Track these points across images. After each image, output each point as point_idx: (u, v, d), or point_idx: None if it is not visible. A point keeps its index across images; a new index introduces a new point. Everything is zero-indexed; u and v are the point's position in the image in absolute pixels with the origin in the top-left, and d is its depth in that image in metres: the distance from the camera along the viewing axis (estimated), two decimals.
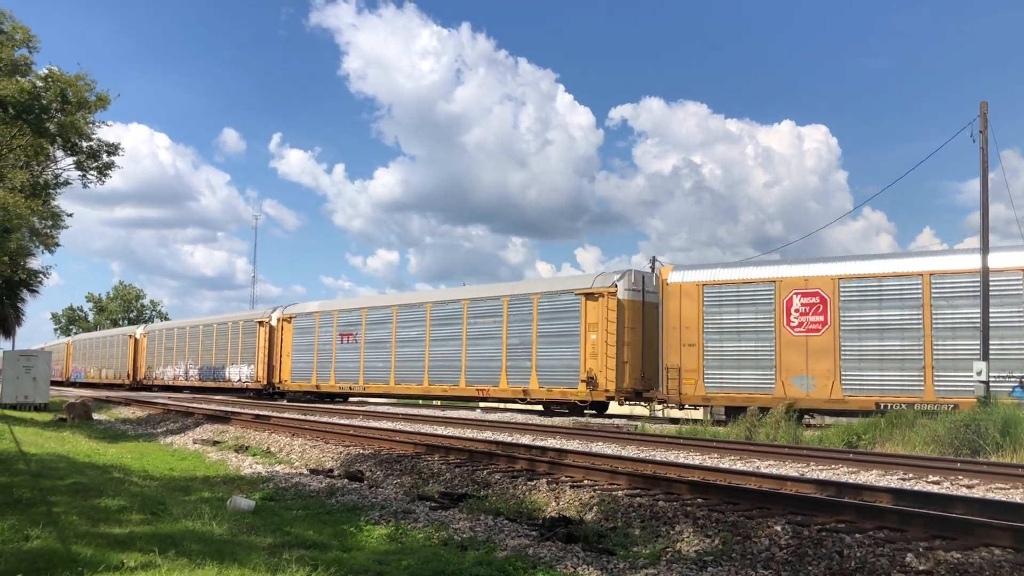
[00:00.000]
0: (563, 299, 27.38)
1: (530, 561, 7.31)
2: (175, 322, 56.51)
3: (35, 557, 6.45)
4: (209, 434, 20.12)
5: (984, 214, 19.60)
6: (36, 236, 28.46)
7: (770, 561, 7.02)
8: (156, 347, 54.97)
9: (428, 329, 32.22)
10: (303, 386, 39.08)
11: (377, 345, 34.66)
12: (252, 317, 44.20)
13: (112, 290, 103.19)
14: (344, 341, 36.60)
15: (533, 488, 10.57)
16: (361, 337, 35.47)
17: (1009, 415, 15.42)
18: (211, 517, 8.83)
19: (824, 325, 21.68)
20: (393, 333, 33.85)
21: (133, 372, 57.74)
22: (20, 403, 31.64)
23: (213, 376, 46.89)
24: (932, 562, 6.52)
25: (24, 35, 22.80)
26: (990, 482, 11.29)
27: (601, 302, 25.88)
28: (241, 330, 44.39)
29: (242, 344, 44.17)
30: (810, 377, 21.61)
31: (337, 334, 36.96)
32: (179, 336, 52.10)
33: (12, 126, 22.33)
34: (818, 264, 22.41)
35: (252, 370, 42.90)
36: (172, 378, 51.88)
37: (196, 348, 49.47)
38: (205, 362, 48.17)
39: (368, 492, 11.31)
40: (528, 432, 19.48)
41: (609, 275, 26.54)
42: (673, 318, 24.06)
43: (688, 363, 23.57)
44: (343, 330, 36.73)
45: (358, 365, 35.51)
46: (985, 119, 19.67)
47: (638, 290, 26.43)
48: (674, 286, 24.21)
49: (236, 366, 44.65)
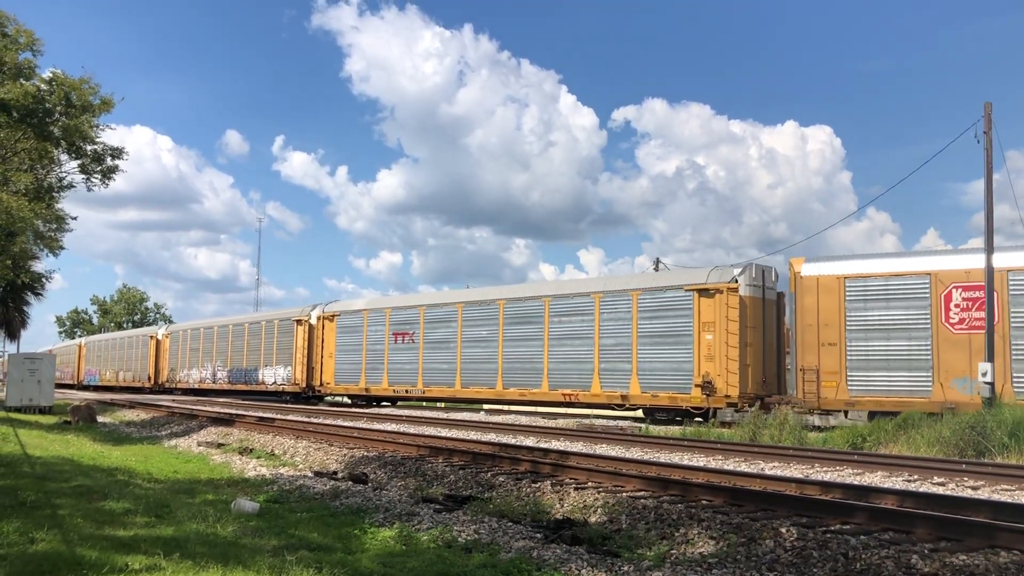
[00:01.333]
0: (670, 296, 25.01)
1: (535, 563, 7.30)
2: (201, 321, 53.66)
3: (40, 560, 6.46)
4: (213, 436, 20.14)
5: (989, 214, 19.57)
6: (40, 239, 28.51)
7: (775, 563, 7.00)
8: (180, 348, 52.43)
9: (501, 328, 29.75)
10: (349, 389, 36.48)
11: (439, 346, 32.21)
12: (289, 315, 41.24)
13: (116, 293, 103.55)
14: (398, 341, 33.89)
15: (537, 490, 10.56)
16: (419, 337, 32.92)
17: (1015, 416, 15.37)
18: (215, 520, 8.84)
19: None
20: (458, 332, 31.33)
21: (155, 375, 55.23)
22: (25, 406, 31.71)
23: (244, 378, 44.17)
24: (938, 564, 6.50)
25: (28, 38, 22.82)
26: (996, 483, 11.27)
27: (719, 299, 23.64)
28: (276, 329, 41.64)
29: (277, 344, 41.38)
30: (974, 379, 19.58)
31: (390, 333, 34.32)
32: (206, 336, 49.38)
33: (16, 130, 22.38)
34: (981, 255, 20.02)
35: (289, 372, 40.20)
36: (198, 381, 49.28)
37: (225, 349, 46.81)
38: (235, 364, 45.53)
39: (372, 494, 11.30)
40: (532, 434, 19.48)
41: (726, 269, 24.38)
42: (809, 315, 22.04)
43: (827, 364, 21.52)
44: (397, 329, 34.06)
45: (415, 367, 32.92)
46: (989, 120, 19.63)
47: (759, 285, 24.32)
48: (809, 280, 22.21)
49: (271, 368, 41.91)
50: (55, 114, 22.87)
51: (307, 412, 29.00)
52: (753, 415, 19.78)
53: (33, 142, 22.86)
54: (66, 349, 77.46)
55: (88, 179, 24.55)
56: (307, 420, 23.07)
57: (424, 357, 32.65)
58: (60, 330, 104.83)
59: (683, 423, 23.47)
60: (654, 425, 24.00)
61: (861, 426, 18.65)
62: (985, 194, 19.72)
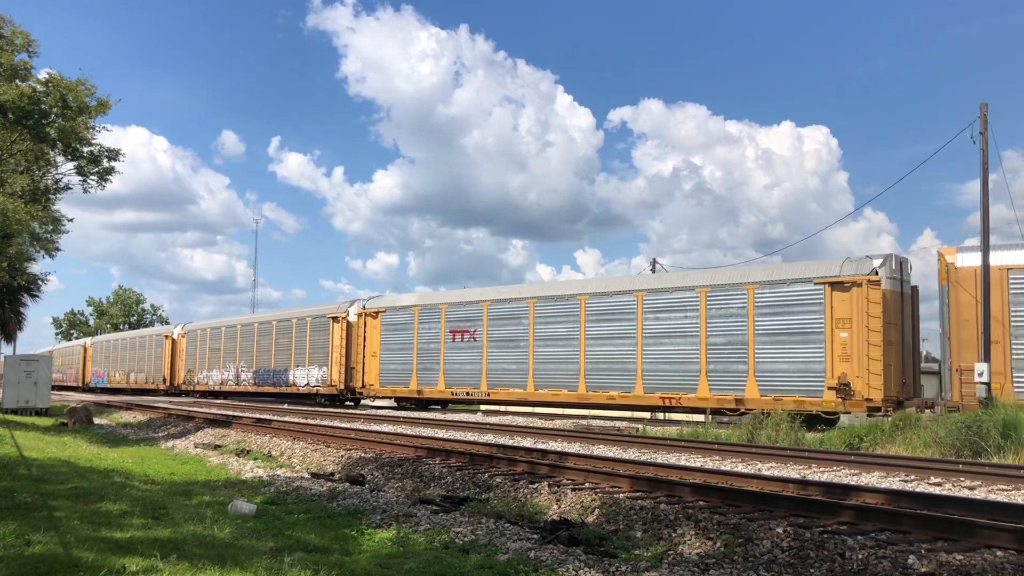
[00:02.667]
0: (794, 289, 22.68)
1: (532, 564, 7.30)
2: (223, 320, 50.54)
3: (37, 562, 6.45)
4: (210, 438, 20.11)
5: (984, 215, 19.60)
6: (37, 241, 28.49)
7: (772, 563, 7.01)
8: (198, 348, 49.52)
9: (583, 325, 27.13)
10: (397, 391, 33.68)
11: (506, 344, 29.48)
12: (323, 312, 38.58)
13: (112, 294, 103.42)
14: (457, 339, 31.16)
15: (535, 491, 10.56)
16: (483, 335, 30.11)
17: (1010, 416, 15.40)
18: (212, 521, 8.83)
19: None
20: (530, 330, 28.63)
21: (170, 376, 52.55)
22: (21, 408, 31.68)
23: (273, 380, 41.43)
24: (934, 564, 6.51)
25: (24, 40, 22.82)
26: (992, 483, 11.28)
27: (856, 292, 21.50)
28: (309, 327, 38.92)
29: (310, 343, 38.70)
30: None
31: (447, 331, 31.53)
32: (228, 335, 46.28)
33: (12, 131, 22.36)
34: None
35: (324, 373, 37.57)
36: (219, 383, 46.54)
37: (250, 348, 43.84)
38: (262, 364, 42.60)
39: (369, 496, 11.30)
40: (529, 435, 19.48)
41: (862, 260, 22.13)
42: (966, 310, 20.23)
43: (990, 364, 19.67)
44: (455, 326, 31.30)
45: (478, 368, 30.25)
46: (985, 120, 19.68)
47: (897, 278, 22.25)
48: (966, 272, 20.32)
49: (302, 368, 39.21)
50: (51, 116, 22.85)
51: (304, 414, 28.95)
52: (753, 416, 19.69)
53: (29, 144, 22.84)
54: (69, 350, 75.14)
55: (85, 181, 24.54)
56: (304, 422, 23.05)
57: (488, 357, 29.99)
58: (56, 332, 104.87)
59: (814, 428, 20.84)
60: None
61: (858, 426, 18.64)
62: (981, 194, 19.76)
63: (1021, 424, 15.08)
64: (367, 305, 35.75)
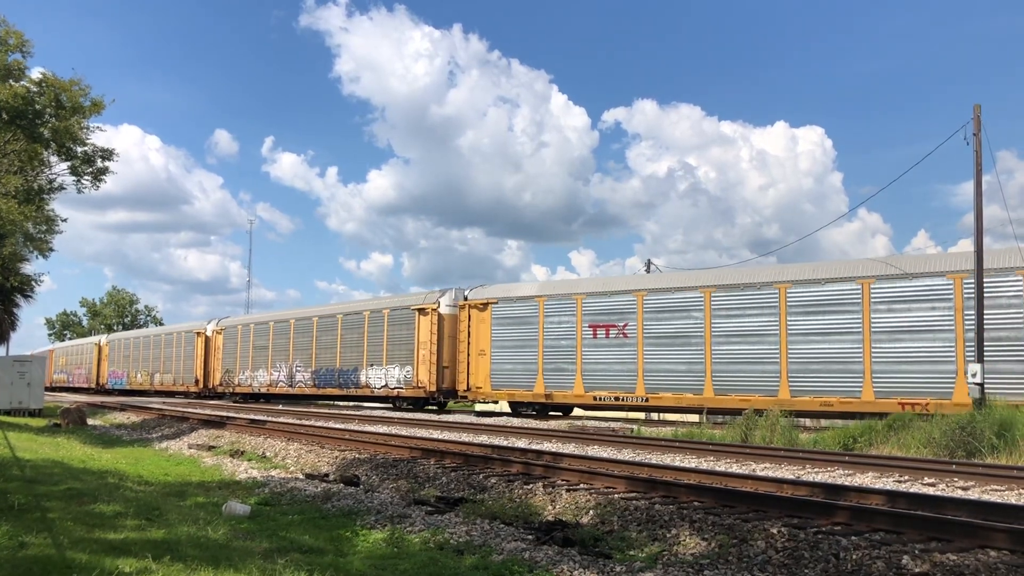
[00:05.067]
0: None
1: (527, 565, 7.30)
2: (270, 314, 45.94)
3: (30, 563, 6.43)
4: (204, 439, 20.07)
5: (978, 216, 19.66)
6: (30, 241, 28.42)
7: (767, 564, 7.02)
8: (239, 346, 45.05)
9: (783, 318, 23.43)
10: (516, 395, 29.26)
11: (672, 341, 25.50)
12: (405, 303, 34.46)
13: (106, 295, 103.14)
14: (600, 335, 27.11)
15: (530, 492, 10.56)
16: (636, 330, 26.15)
17: (1004, 417, 15.45)
18: (206, 522, 8.81)
19: None
20: (706, 325, 24.83)
21: (203, 377, 48.17)
22: (14, 409, 31.59)
23: (339, 381, 37.25)
24: (928, 564, 6.53)
25: (17, 40, 22.78)
26: (986, 484, 11.32)
27: None
28: (386, 321, 34.75)
29: (388, 339, 34.51)
30: None
31: (584, 326, 27.50)
32: (279, 331, 41.93)
33: (6, 131, 22.32)
34: None
35: (408, 373, 33.27)
36: (266, 384, 42.20)
37: (307, 345, 39.60)
38: (324, 363, 38.41)
39: (364, 497, 11.29)
40: (524, 436, 19.47)
41: None
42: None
43: None
44: (595, 320, 27.26)
45: (631, 368, 26.19)
46: (978, 122, 19.73)
47: None
48: None
49: (378, 368, 34.91)
50: (45, 115, 22.82)
51: (299, 415, 28.90)
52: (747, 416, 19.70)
53: (23, 144, 22.79)
54: (77, 349, 70.68)
55: (79, 181, 24.52)
56: (298, 423, 23.02)
57: (645, 356, 26.04)
58: (49, 332, 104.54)
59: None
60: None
61: (852, 426, 18.69)
62: (975, 195, 19.82)
63: (1015, 425, 15.13)
64: (469, 295, 31.50)
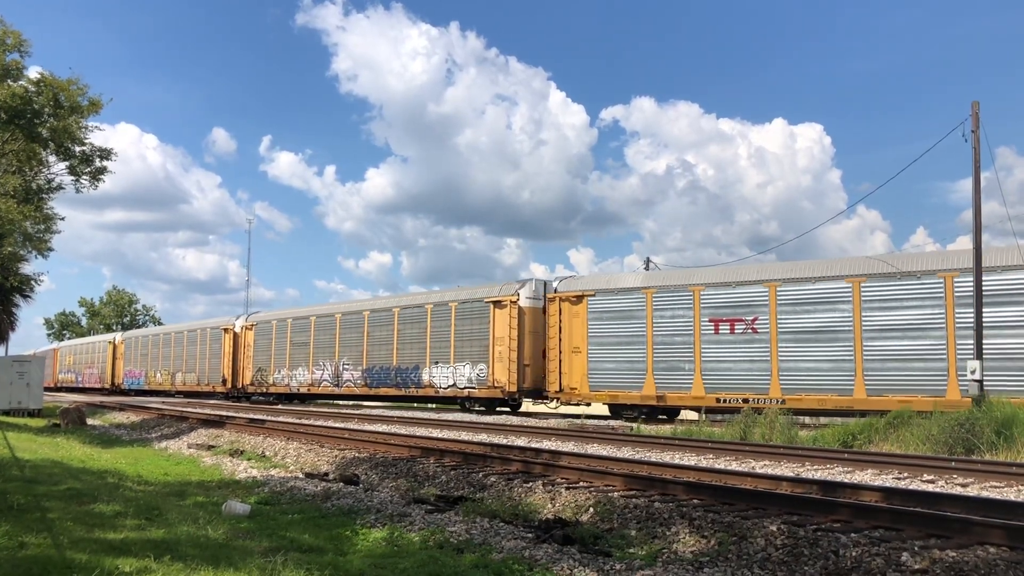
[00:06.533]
0: None
1: (527, 563, 7.31)
2: (311, 308, 42.69)
3: (30, 564, 6.43)
4: (204, 439, 20.08)
5: (977, 213, 19.66)
6: (29, 241, 28.40)
7: (766, 561, 7.03)
8: (273, 343, 42.39)
9: (950, 311, 21.24)
10: (620, 396, 26.65)
11: (815, 336, 23.36)
12: (477, 296, 31.80)
13: (105, 295, 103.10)
14: (724, 330, 24.94)
15: (529, 490, 10.57)
16: (769, 324, 24.03)
17: (1003, 414, 15.47)
18: (206, 522, 8.81)
19: None
20: (855, 318, 22.60)
21: (232, 376, 45.50)
22: (13, 409, 31.58)
23: (396, 380, 34.60)
24: (928, 561, 6.54)
25: (15, 39, 22.76)
26: (985, 480, 11.33)
27: None
28: (454, 315, 32.29)
29: (456, 334, 32.11)
30: None
31: (703, 320, 25.31)
32: (321, 327, 39.31)
33: (4, 131, 22.30)
34: None
35: (481, 371, 30.71)
36: (306, 383, 39.83)
37: (356, 341, 36.95)
38: (377, 361, 35.73)
39: (364, 495, 11.29)
40: (523, 434, 19.48)
41: None
42: None
43: None
44: (719, 314, 25.06)
45: (764, 367, 24.00)
46: (977, 119, 19.73)
47: None
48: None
49: (444, 366, 32.44)
50: (43, 115, 22.80)
51: (298, 414, 28.89)
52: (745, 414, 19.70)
53: (21, 143, 22.78)
54: (88, 347, 67.77)
55: (77, 181, 24.50)
56: (298, 422, 23.03)
57: (780, 353, 23.87)
58: (48, 332, 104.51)
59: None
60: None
61: (852, 424, 18.71)
62: (973, 192, 19.83)
63: (1014, 422, 15.15)
64: (560, 288, 28.85)
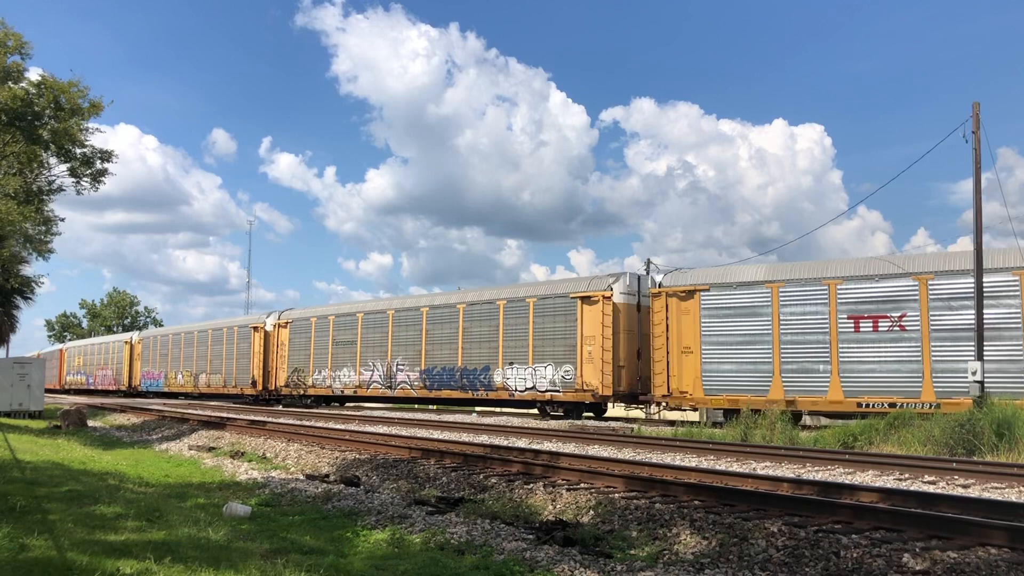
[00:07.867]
0: None
1: (527, 564, 7.30)
2: (357, 304, 39.46)
3: (31, 565, 6.43)
4: (204, 440, 20.07)
5: (977, 214, 19.66)
6: (30, 242, 28.42)
7: (767, 562, 7.02)
8: (312, 342, 39.58)
9: None
10: (741, 402, 23.56)
11: (966, 334, 20.81)
12: (559, 291, 28.99)
13: (106, 296, 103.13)
14: (864, 328, 22.58)
15: (530, 491, 10.56)
16: (919, 321, 21.65)
17: (1004, 415, 15.46)
18: (207, 523, 8.81)
19: None
20: (1023, 315, 20.32)
21: (262, 378, 42.84)
22: (14, 411, 31.58)
23: (462, 382, 31.72)
24: (929, 562, 6.53)
25: (16, 41, 22.79)
26: (986, 481, 11.32)
27: None
28: (532, 312, 29.40)
29: (535, 332, 29.17)
30: None
31: (841, 316, 22.89)
32: (370, 324, 36.27)
33: (5, 133, 22.33)
34: None
35: (566, 373, 28.00)
36: (352, 385, 36.81)
37: (413, 340, 34.05)
38: (438, 361, 32.87)
39: (364, 497, 11.29)
40: (524, 436, 19.47)
41: None
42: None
43: None
44: (858, 310, 22.67)
45: (915, 368, 21.61)
46: (977, 120, 19.73)
47: None
48: None
49: (520, 367, 29.56)
50: (44, 117, 22.83)
51: (299, 415, 28.88)
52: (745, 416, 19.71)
53: (22, 145, 22.80)
54: (101, 347, 64.90)
55: (78, 182, 24.52)
56: (299, 423, 23.03)
57: (934, 353, 21.53)
58: (49, 334, 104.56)
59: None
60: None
61: (852, 425, 18.70)
62: (974, 193, 19.82)
63: (1015, 423, 15.14)
64: (666, 282, 26.24)
